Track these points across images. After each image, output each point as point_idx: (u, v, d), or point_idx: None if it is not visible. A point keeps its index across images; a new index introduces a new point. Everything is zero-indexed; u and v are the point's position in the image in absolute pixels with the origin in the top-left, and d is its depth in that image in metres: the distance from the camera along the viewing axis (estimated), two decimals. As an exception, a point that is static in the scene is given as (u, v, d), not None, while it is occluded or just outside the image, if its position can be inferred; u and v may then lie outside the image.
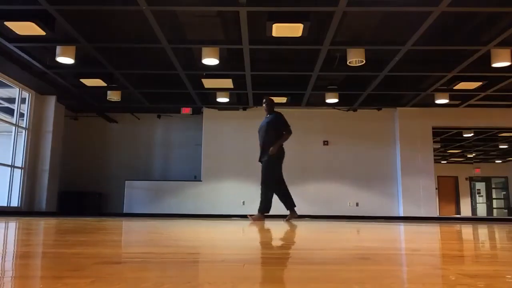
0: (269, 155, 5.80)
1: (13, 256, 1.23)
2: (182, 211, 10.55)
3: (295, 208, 5.95)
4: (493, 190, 21.01)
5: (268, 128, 5.90)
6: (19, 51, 7.16)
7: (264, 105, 6.09)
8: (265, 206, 5.78)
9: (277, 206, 6.27)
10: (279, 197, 5.92)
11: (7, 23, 5.86)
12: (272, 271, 0.98)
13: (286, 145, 6.04)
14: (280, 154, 5.88)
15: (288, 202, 5.90)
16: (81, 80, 8.56)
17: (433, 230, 3.61)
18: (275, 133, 5.85)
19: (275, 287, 0.79)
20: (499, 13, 5.84)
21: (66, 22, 6.00)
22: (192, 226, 3.74)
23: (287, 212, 5.99)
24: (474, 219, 10.87)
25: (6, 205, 9.06)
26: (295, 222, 5.14)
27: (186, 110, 11.03)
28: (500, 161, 20.11)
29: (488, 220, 11.22)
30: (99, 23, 6.37)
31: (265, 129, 5.93)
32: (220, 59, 7.18)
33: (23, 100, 9.45)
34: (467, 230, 3.64)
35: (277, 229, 3.29)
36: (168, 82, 9.07)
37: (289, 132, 5.86)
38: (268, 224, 4.70)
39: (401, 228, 4.08)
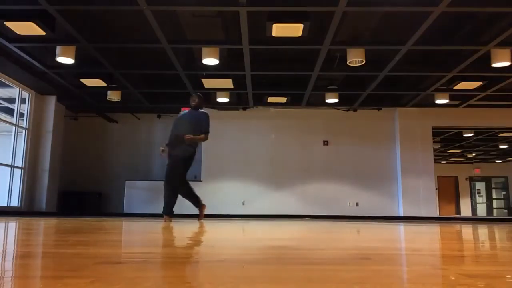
0: (175, 156, 5.60)
1: (13, 256, 1.23)
2: (182, 211, 10.53)
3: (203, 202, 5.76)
4: (493, 190, 21.00)
5: (193, 122, 5.69)
6: (19, 51, 7.16)
7: (196, 99, 5.81)
8: (169, 208, 5.57)
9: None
10: (184, 197, 5.72)
11: (7, 23, 5.86)
12: (272, 271, 0.98)
13: (287, 144, 6.00)
14: (190, 156, 5.69)
15: (194, 199, 5.73)
16: (81, 80, 8.56)
17: (433, 230, 3.61)
18: (198, 130, 5.64)
19: (275, 287, 0.79)
20: (499, 13, 5.83)
21: (66, 22, 6.00)
22: (192, 226, 3.74)
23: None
24: (474, 219, 10.86)
25: (6, 205, 9.05)
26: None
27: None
28: (500, 161, 20.10)
29: (488, 220, 11.22)
30: (99, 23, 6.37)
31: (188, 122, 5.70)
32: (220, 59, 7.18)
33: (23, 100, 9.44)
34: (467, 230, 3.64)
35: (276, 229, 3.29)
36: (168, 82, 9.07)
37: (207, 135, 5.69)
38: (262, 224, 4.70)
39: (401, 228, 4.08)
